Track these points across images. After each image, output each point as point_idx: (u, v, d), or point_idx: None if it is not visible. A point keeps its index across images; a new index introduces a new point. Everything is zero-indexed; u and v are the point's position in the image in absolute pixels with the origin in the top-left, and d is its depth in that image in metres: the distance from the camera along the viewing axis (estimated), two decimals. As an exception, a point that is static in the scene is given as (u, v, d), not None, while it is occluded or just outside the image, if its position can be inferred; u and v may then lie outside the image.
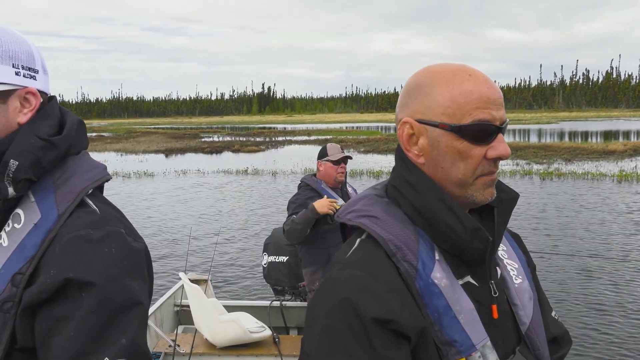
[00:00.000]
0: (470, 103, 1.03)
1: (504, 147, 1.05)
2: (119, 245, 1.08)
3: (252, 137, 49.47)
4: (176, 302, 5.55)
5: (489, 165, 1.06)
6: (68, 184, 1.13)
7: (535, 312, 1.20)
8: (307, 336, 1.02)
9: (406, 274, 1.02)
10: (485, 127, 1.03)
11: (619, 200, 14.03)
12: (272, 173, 21.90)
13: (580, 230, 10.77)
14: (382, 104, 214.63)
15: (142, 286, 1.09)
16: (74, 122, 1.21)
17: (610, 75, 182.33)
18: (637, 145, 28.95)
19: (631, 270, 8.17)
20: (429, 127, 1.06)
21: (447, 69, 1.08)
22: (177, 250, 10.11)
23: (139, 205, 15.12)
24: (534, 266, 1.32)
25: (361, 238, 1.09)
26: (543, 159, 24.78)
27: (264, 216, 13.16)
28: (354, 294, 0.98)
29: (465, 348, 1.02)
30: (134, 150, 35.64)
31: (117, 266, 1.05)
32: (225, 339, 4.59)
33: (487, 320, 1.08)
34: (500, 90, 1.07)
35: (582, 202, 13.87)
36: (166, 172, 23.22)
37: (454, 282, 1.05)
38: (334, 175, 4.31)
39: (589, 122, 77.97)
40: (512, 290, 1.18)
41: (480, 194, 1.07)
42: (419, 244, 1.05)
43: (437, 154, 1.07)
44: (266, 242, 5.27)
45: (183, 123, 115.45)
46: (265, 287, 7.05)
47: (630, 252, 9.21)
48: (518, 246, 1.30)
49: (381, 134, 49.62)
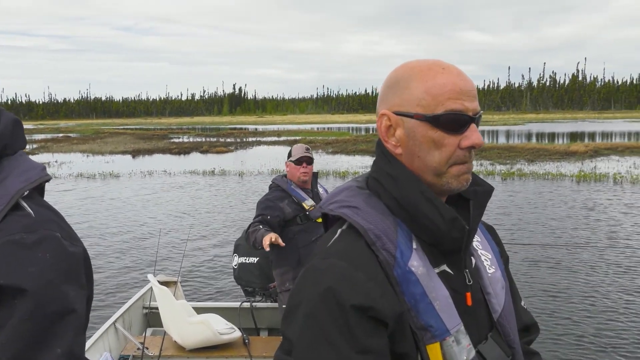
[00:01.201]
0: (444, 94, 1.08)
1: (476, 136, 1.09)
2: (54, 250, 1.03)
3: (221, 138, 49.22)
4: (145, 305, 5.50)
5: (463, 154, 1.10)
6: (2, 185, 1.08)
7: (507, 300, 1.25)
8: (289, 324, 1.05)
9: (385, 262, 1.06)
10: (458, 117, 1.08)
11: (577, 199, 14.43)
12: (240, 174, 21.87)
13: (536, 225, 11.10)
14: (353, 105, 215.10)
15: (78, 292, 1.05)
16: (8, 121, 1.15)
17: (576, 78, 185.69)
18: (598, 147, 29.67)
19: (576, 260, 8.49)
20: (405, 118, 1.11)
21: (422, 64, 1.13)
22: (145, 252, 10.02)
23: (105, 206, 14.99)
24: (507, 257, 1.38)
25: (342, 228, 1.13)
26: (507, 160, 25.23)
27: (233, 217, 13.15)
28: (335, 283, 1.01)
29: (440, 333, 1.06)
30: (100, 151, 35.18)
31: (52, 272, 1.01)
32: (195, 341, 4.56)
33: (461, 308, 1.12)
34: (473, 83, 1.13)
35: (540, 201, 14.23)
36: (132, 173, 23.02)
37: (430, 270, 1.09)
38: (297, 175, 4.32)
39: (555, 123, 79.38)
40: (485, 279, 1.23)
41: (456, 181, 1.11)
42: (398, 233, 1.09)
43: (414, 144, 1.11)
44: (237, 243, 5.22)
45: (152, 124, 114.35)
46: (235, 289, 7.04)
47: (581, 244, 9.53)
48: (492, 238, 1.35)
49: (350, 135, 49.83)
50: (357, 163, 25.29)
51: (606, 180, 18.01)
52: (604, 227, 11.18)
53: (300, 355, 1.01)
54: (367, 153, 30.59)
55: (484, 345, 1.16)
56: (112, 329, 4.79)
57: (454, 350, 1.07)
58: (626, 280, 7.80)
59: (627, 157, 26.09)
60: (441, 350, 1.06)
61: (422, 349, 1.06)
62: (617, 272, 8.18)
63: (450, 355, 1.07)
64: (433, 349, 1.06)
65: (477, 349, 1.13)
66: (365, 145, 34.89)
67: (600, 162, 23.88)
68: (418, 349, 1.06)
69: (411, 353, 1.05)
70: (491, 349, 1.16)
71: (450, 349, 1.07)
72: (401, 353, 1.05)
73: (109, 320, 4.85)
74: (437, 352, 1.06)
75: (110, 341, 4.68)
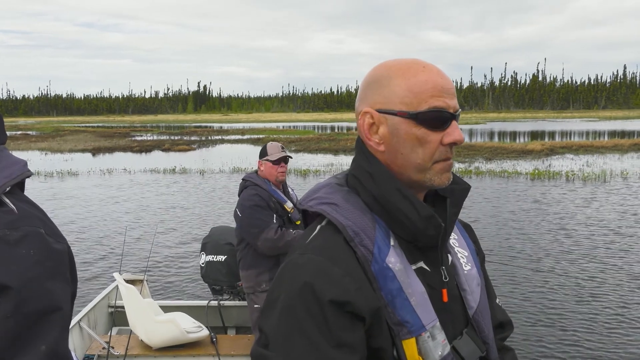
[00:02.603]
0: (426, 92, 1.10)
1: (458, 133, 1.12)
2: (38, 247, 1.02)
3: (185, 136, 48.83)
4: (110, 303, 5.43)
5: (445, 151, 1.12)
6: None
7: (482, 297, 1.27)
8: (267, 317, 1.06)
9: (363, 258, 1.08)
10: (441, 114, 1.10)
11: (530, 195, 14.84)
12: (201, 172, 21.79)
13: (491, 219, 11.42)
14: (318, 104, 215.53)
15: (64, 289, 1.04)
16: None
17: (536, 78, 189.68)
18: (554, 145, 30.46)
19: (516, 251, 8.80)
20: (389, 115, 1.13)
21: (402, 63, 1.15)
22: (111, 251, 9.92)
23: (64, 204, 14.79)
24: (483, 256, 1.40)
25: (321, 225, 1.15)
26: (465, 158, 25.68)
27: (197, 214, 13.10)
28: (312, 278, 1.03)
29: (416, 328, 1.08)
30: (59, 149, 34.54)
31: (36, 268, 0.99)
32: (162, 340, 4.53)
33: (437, 304, 1.14)
34: (452, 82, 1.15)
35: (494, 197, 14.60)
36: (91, 171, 22.71)
37: (407, 267, 1.11)
38: (275, 175, 4.26)
39: (516, 122, 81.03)
40: (461, 276, 1.24)
41: (438, 178, 1.13)
42: (376, 230, 1.11)
43: (397, 141, 1.13)
44: (204, 242, 5.18)
45: (115, 121, 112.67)
46: (203, 287, 7.00)
47: (534, 238, 9.88)
48: (469, 236, 1.37)
49: (314, 133, 49.95)
50: (319, 161, 25.41)
51: (559, 178, 18.53)
52: (555, 221, 11.57)
53: (277, 348, 1.01)
54: (329, 151, 30.73)
55: (459, 341, 1.18)
56: (77, 328, 4.72)
57: (429, 345, 1.09)
58: (576, 267, 8.12)
59: (581, 155, 26.84)
60: (417, 346, 1.08)
61: (398, 344, 1.08)
62: (565, 259, 8.51)
63: (425, 350, 1.09)
64: (409, 344, 1.08)
65: (452, 344, 1.15)
66: (328, 143, 35.03)
67: (555, 161, 24.53)
68: (394, 344, 1.08)
69: (387, 348, 1.07)
70: (466, 344, 1.18)
71: (426, 344, 1.09)
72: (377, 348, 1.06)
73: (73, 319, 4.74)
74: (413, 347, 1.08)
75: (74, 340, 4.61)
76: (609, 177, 18.40)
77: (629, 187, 16.29)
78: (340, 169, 21.67)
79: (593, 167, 21.60)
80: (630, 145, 30.61)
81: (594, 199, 14.38)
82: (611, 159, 24.72)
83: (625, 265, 8.48)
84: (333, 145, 33.88)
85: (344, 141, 36.22)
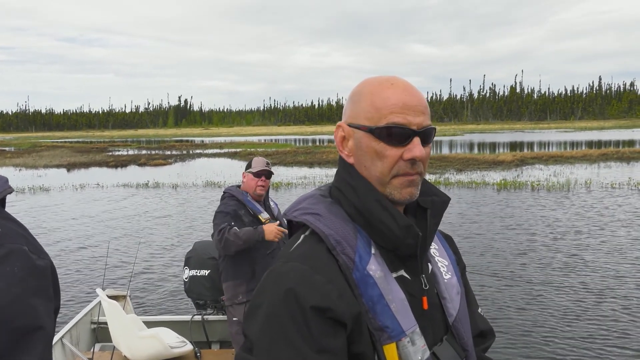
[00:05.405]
0: (387, 108, 1.15)
1: (418, 149, 1.14)
2: (22, 264, 1.01)
3: (163, 151, 48.80)
4: (93, 320, 5.38)
5: (406, 166, 1.15)
6: None
7: (462, 305, 1.30)
8: (251, 323, 1.09)
9: (344, 266, 1.11)
10: (399, 130, 1.14)
11: (495, 205, 15.21)
12: (174, 186, 21.91)
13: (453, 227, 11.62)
14: (299, 117, 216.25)
15: (47, 306, 1.04)
16: None
17: (514, 90, 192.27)
18: (524, 156, 31.05)
19: (478, 257, 9.07)
20: (355, 129, 1.20)
21: (376, 80, 1.21)
22: (93, 267, 9.88)
23: (36, 221, 14.77)
24: (464, 265, 1.44)
25: (305, 234, 1.19)
26: (437, 169, 26.10)
27: (178, 229, 13.07)
28: (295, 285, 1.06)
29: (396, 334, 1.11)
30: (34, 165, 34.44)
31: (20, 286, 0.99)
32: (145, 355, 4.49)
33: (417, 311, 1.17)
34: (422, 99, 1.18)
35: (458, 206, 14.91)
36: (64, 186, 22.72)
37: (387, 274, 1.14)
38: (254, 187, 4.30)
39: (494, 134, 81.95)
40: (441, 284, 1.28)
41: (398, 193, 1.17)
42: (357, 239, 1.15)
43: (361, 154, 1.19)
44: (187, 256, 5.13)
45: (94, 136, 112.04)
46: (186, 302, 7.01)
47: (484, 243, 10.18)
48: (449, 246, 1.41)
49: (292, 146, 50.20)
50: (293, 174, 25.55)
51: (525, 188, 18.95)
52: (516, 229, 11.91)
53: (260, 353, 1.04)
54: (304, 164, 30.94)
55: (439, 347, 1.21)
56: (59, 345, 4.68)
57: (409, 350, 1.12)
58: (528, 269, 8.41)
59: (551, 165, 27.41)
60: (397, 351, 1.11)
61: (379, 349, 1.10)
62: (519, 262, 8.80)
63: (405, 355, 1.11)
64: (389, 349, 1.11)
65: (432, 350, 1.18)
66: (304, 156, 35.25)
67: (525, 171, 25.02)
68: (375, 349, 1.10)
69: (368, 353, 1.10)
70: (446, 350, 1.21)
71: (406, 349, 1.12)
72: (359, 353, 1.09)
73: (55, 336, 4.67)
74: (393, 352, 1.11)
75: (57, 358, 4.57)
76: (573, 187, 18.87)
77: (590, 196, 16.71)
78: (313, 182, 21.95)
79: (559, 177, 22.09)
80: (599, 155, 31.32)
81: (559, 207, 14.79)
82: (579, 169, 25.28)
83: (572, 272, 8.80)
84: (309, 158, 34.11)
85: (320, 154, 36.50)
